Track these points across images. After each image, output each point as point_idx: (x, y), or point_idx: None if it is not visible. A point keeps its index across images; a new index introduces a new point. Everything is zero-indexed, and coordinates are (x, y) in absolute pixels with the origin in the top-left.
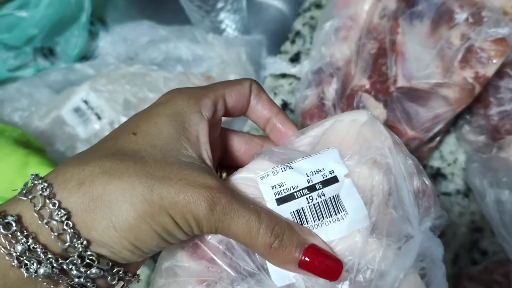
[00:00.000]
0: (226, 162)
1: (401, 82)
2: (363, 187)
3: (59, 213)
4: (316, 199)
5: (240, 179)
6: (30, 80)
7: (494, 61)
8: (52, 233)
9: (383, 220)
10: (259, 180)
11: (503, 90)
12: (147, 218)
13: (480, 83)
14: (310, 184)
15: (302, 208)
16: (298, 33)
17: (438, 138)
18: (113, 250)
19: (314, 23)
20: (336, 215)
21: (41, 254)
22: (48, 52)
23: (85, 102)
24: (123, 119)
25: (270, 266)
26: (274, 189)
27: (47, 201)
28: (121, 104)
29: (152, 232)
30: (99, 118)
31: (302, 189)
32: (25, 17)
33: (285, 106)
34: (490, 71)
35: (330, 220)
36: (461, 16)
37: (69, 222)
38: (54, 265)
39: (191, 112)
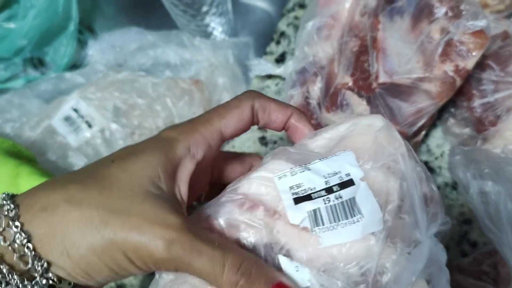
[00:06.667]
0: (224, 182)
1: (382, 78)
2: (379, 191)
3: (20, 236)
4: (333, 201)
5: (256, 178)
6: (20, 91)
7: (474, 53)
8: (15, 254)
9: (396, 225)
10: (276, 180)
11: (485, 82)
12: (98, 250)
13: (461, 76)
14: (327, 186)
15: (319, 208)
16: (282, 34)
17: (423, 132)
18: (69, 275)
19: (299, 23)
20: (352, 217)
21: (6, 274)
22: (37, 62)
23: (75, 110)
24: (113, 126)
25: (285, 270)
26: (292, 189)
27: (10, 222)
28: (110, 111)
29: (102, 264)
30: (89, 126)
31: (319, 191)
32: (14, 28)
33: None
34: (470, 63)
35: (345, 223)
36: (440, 10)
37: (30, 245)
38: (20, 286)
39: (179, 147)
